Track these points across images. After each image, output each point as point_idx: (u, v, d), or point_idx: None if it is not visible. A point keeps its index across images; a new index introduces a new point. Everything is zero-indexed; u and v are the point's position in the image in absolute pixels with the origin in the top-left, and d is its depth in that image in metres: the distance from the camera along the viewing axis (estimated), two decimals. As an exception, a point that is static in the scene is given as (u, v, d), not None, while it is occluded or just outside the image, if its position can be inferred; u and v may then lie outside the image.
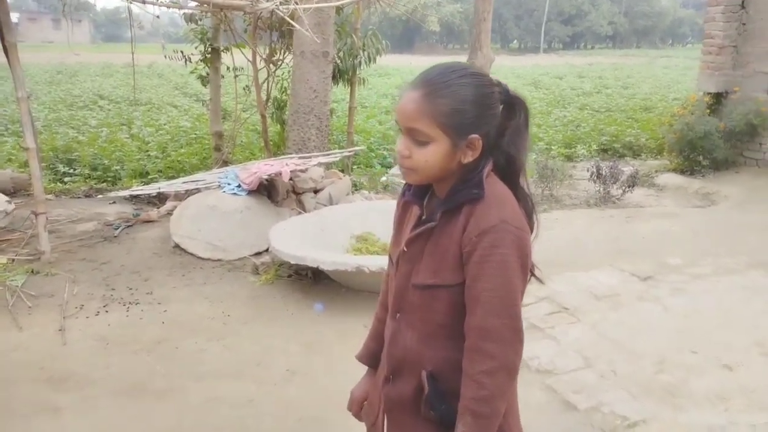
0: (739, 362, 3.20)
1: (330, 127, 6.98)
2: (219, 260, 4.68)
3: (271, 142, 7.86)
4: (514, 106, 1.34)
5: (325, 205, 5.38)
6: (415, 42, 58.94)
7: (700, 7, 76.26)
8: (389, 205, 5.24)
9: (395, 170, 8.19)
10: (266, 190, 5.36)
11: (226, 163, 7.29)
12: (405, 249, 1.38)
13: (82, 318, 3.74)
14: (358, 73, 7.70)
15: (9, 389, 2.98)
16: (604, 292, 4.10)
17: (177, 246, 4.83)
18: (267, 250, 4.73)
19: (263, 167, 5.26)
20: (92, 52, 33.18)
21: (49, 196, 6.44)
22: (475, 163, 1.30)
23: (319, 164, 5.67)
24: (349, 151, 6.75)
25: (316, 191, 5.69)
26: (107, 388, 3.01)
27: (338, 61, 7.23)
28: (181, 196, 5.80)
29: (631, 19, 65.02)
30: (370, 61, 7.47)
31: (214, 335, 3.57)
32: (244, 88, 7.82)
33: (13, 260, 4.55)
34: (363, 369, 1.72)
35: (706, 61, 8.09)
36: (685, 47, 63.61)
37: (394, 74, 22.96)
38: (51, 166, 7.74)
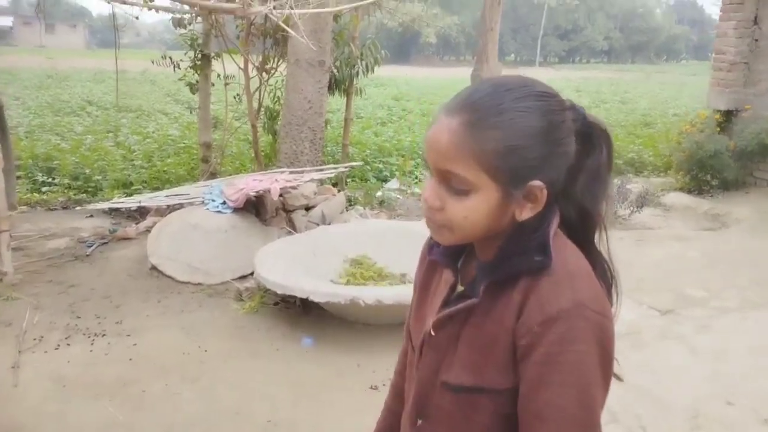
0: (783, 418, 2.83)
1: (324, 139, 6.61)
2: (199, 284, 4.28)
3: (263, 154, 7.48)
4: (592, 138, 0.98)
5: (318, 224, 5.00)
6: (412, 53, 58.85)
7: (694, 24, 76.89)
8: (386, 227, 4.87)
9: (392, 184, 7.83)
10: (254, 207, 4.98)
11: (213, 175, 6.91)
12: (432, 333, 1.01)
13: (40, 352, 3.33)
14: (355, 83, 7.35)
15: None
16: (623, 329, 3.72)
17: (154, 268, 4.43)
18: (252, 274, 4.33)
19: (251, 183, 4.87)
20: (86, 58, 32.76)
21: (23, 208, 6.03)
22: (537, 217, 0.94)
23: (312, 180, 5.28)
24: (345, 167, 6.37)
25: (307, 209, 5.31)
26: (58, 443, 2.60)
27: (335, 71, 6.87)
28: (162, 211, 5.41)
29: (627, 34, 65.33)
30: (368, 71, 7.12)
31: (188, 375, 3.16)
32: (234, 97, 7.45)
33: (-28, 281, 4.13)
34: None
35: (716, 77, 7.78)
36: (680, 63, 63.88)
37: (390, 85, 22.68)
38: (29, 174, 7.32)
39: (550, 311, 0.86)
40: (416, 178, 8.25)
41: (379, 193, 7.19)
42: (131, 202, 5.77)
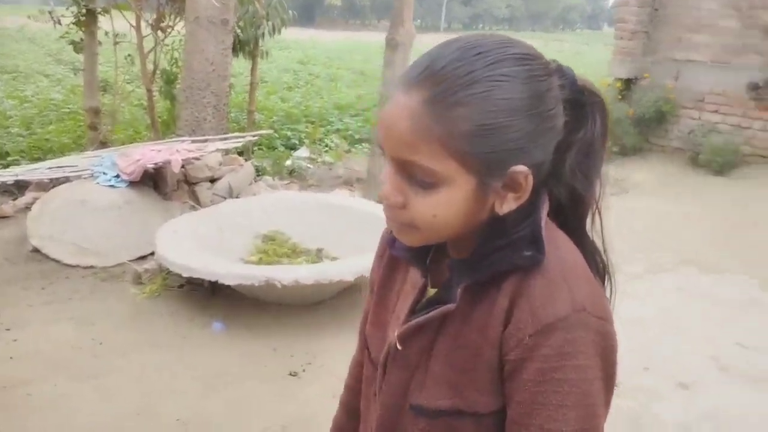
0: (695, 380, 2.91)
1: (229, 105, 6.19)
2: (91, 267, 3.85)
3: (160, 121, 6.93)
4: (584, 106, 0.80)
5: (224, 198, 4.65)
6: (316, 16, 57.45)
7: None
8: (299, 199, 4.61)
9: (301, 152, 7.52)
10: (152, 180, 4.55)
11: (104, 144, 6.31)
12: (399, 346, 0.84)
13: None
14: (260, 44, 6.92)
15: None
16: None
17: (36, 250, 3.93)
18: (152, 254, 3.96)
19: (148, 153, 4.44)
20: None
21: None
22: (523, 206, 0.77)
23: (218, 150, 4.90)
24: (254, 135, 6.00)
25: (212, 180, 4.93)
26: None
27: (239, 31, 6.41)
28: (44, 186, 4.83)
29: (527, 3, 67.10)
30: (274, 32, 6.72)
31: (81, 373, 2.81)
32: (126, 58, 6.81)
33: None
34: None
35: (618, 46, 8.00)
36: (575, 32, 66.56)
37: (295, 48, 21.92)
38: None
39: (545, 319, 0.71)
40: (326, 146, 7.99)
41: (288, 163, 6.87)
42: (7, 175, 5.11)
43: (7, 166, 5.99)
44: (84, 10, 6.29)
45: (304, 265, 3.54)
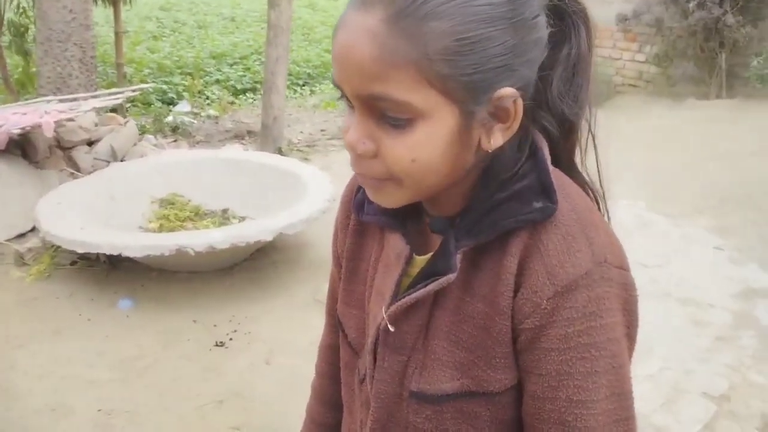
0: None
1: (96, 58, 5.57)
2: (-40, 252, 3.36)
3: (13, 79, 6.13)
4: (565, 17, 0.68)
5: (108, 162, 4.21)
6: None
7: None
8: (192, 157, 4.30)
9: (182, 107, 7.01)
10: (18, 147, 4.00)
11: (-52, 110, 5.49)
12: (391, 328, 0.71)
13: None
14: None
15: None
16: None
17: None
18: (33, 230, 3.53)
19: (11, 117, 3.88)
20: None
21: None
22: (511, 144, 0.66)
23: (94, 109, 4.40)
24: (134, 90, 5.45)
25: (90, 144, 4.44)
26: None
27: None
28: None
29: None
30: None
31: (-29, 374, 2.46)
32: (-39, 8, 5.90)
33: None
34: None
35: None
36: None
37: (154, -7, 20.25)
38: None
39: (565, 278, 0.61)
40: (208, 98, 7.51)
41: (169, 118, 6.38)
42: None
43: None
44: None
45: (216, 229, 3.31)
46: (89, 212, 3.33)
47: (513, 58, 0.60)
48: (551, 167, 0.68)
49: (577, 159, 0.75)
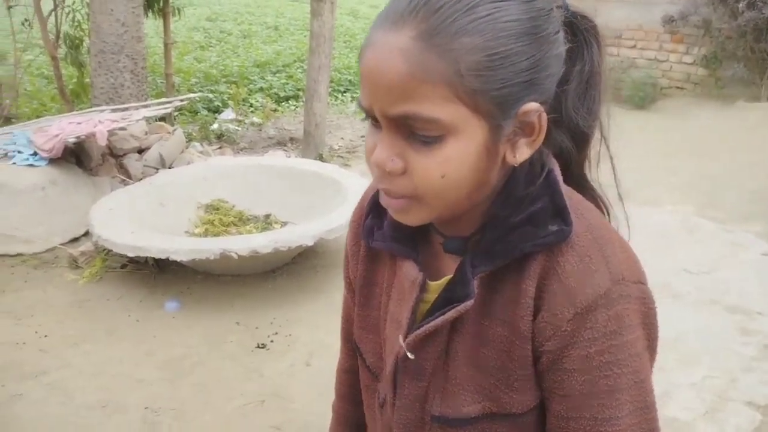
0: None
1: (147, 69, 5.77)
2: (19, 255, 3.54)
3: (68, 90, 6.39)
4: (578, 33, 0.70)
5: (157, 169, 4.36)
6: (217, -31, 54.62)
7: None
8: (236, 164, 4.42)
9: (227, 114, 7.19)
10: (73, 155, 4.19)
11: (9, 120, 5.77)
12: (410, 355, 0.72)
13: None
14: (170, 1, 6.47)
15: None
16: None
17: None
18: (86, 234, 3.68)
19: (67, 127, 4.06)
20: None
21: None
22: (528, 163, 0.67)
23: (145, 118, 4.57)
24: (182, 100, 5.63)
25: (140, 151, 4.61)
26: None
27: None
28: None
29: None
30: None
31: (29, 371, 2.59)
32: (22, 23, 6.19)
33: None
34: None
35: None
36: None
37: (200, 4, 20.80)
38: None
39: (584, 299, 0.62)
40: (251, 106, 7.68)
41: (214, 126, 6.56)
42: None
43: None
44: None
45: (258, 234, 3.39)
46: (139, 217, 3.46)
47: (537, 72, 0.62)
48: (563, 186, 0.68)
49: (588, 170, 0.77)
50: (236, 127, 6.65)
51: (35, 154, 3.96)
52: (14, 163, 3.89)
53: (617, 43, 7.60)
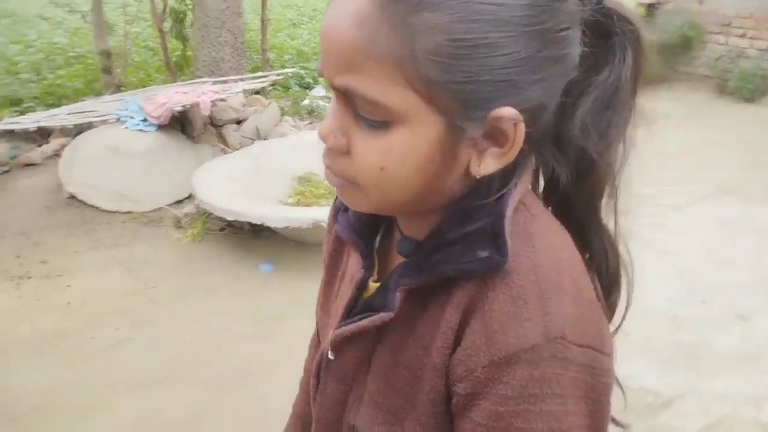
0: (752, 312, 2.92)
1: (245, 43, 6.01)
2: (129, 213, 3.82)
3: (172, 63, 6.74)
4: (611, 36, 0.57)
5: (253, 140, 4.57)
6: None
7: None
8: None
9: (317, 91, 7.36)
10: (178, 123, 4.45)
11: (119, 88, 6.17)
12: (331, 356, 0.66)
13: (-45, 305, 2.86)
14: (270, -22, 6.67)
15: None
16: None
17: (73, 197, 3.89)
18: (189, 197, 3.92)
19: (174, 96, 4.32)
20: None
21: None
22: (499, 175, 0.56)
23: (244, 92, 4.78)
24: (278, 74, 5.84)
25: (238, 122, 4.84)
26: (3, 411, 2.24)
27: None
28: (68, 132, 4.74)
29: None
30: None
31: (139, 318, 2.83)
32: (133, -4, 6.57)
33: None
34: None
35: (641, -31, 7.69)
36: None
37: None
38: None
39: (504, 348, 0.51)
40: (341, 83, 7.82)
41: (305, 102, 6.74)
42: (28, 122, 5.03)
43: (22, 112, 5.88)
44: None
45: None
46: (237, 184, 3.65)
47: (520, 73, 0.51)
48: (539, 211, 0.58)
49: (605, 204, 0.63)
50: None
51: (145, 120, 4.24)
52: (126, 128, 4.18)
53: (726, 32, 7.20)
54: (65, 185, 3.93)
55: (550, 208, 0.63)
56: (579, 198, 0.61)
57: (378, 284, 0.64)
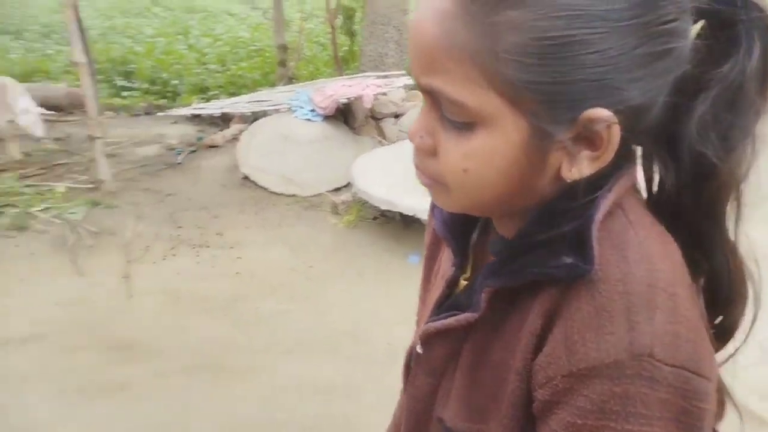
0: None
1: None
2: (294, 196, 4.15)
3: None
4: (735, 24, 0.51)
5: (410, 134, 4.72)
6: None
7: None
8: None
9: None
10: (342, 114, 4.73)
11: (291, 80, 6.65)
12: (420, 351, 0.67)
13: (148, 263, 3.31)
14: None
15: (67, 357, 2.58)
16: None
17: (246, 178, 4.31)
18: (347, 186, 4.17)
19: (340, 89, 4.60)
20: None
21: (109, 113, 5.98)
22: (596, 178, 0.52)
23: (405, 87, 4.96)
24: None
25: (396, 116, 5.03)
26: (179, 361, 2.57)
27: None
28: (246, 118, 5.24)
29: None
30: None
31: (297, 293, 3.08)
32: (309, -6, 7.03)
33: (71, 189, 4.13)
34: None
35: None
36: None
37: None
38: (108, 79, 7.25)
39: (584, 361, 0.49)
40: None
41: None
42: (213, 108, 5.63)
43: (208, 99, 6.57)
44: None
45: None
46: (392, 176, 3.80)
47: (614, 72, 0.47)
48: (640, 219, 0.54)
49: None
50: None
51: (313, 110, 4.56)
52: (296, 117, 4.53)
53: None
54: (241, 167, 4.36)
55: (658, 216, 0.57)
56: (697, 206, 0.55)
57: (461, 287, 0.65)
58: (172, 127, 5.55)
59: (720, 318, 0.59)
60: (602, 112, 0.48)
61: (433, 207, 0.71)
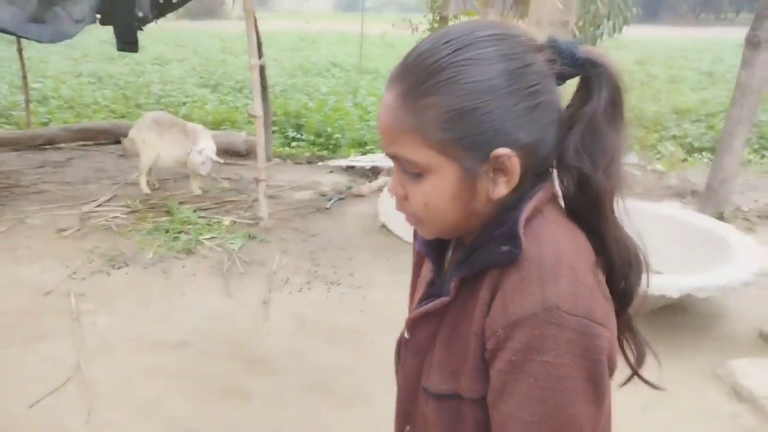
0: None
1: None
2: (425, 246, 4.37)
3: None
4: (589, 78, 0.76)
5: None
6: (659, 11, 53.12)
7: None
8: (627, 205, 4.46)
9: (629, 158, 7.18)
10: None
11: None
12: (407, 335, 0.90)
13: (286, 293, 3.70)
14: (597, 44, 6.83)
15: (207, 363, 2.98)
16: None
17: (383, 226, 4.63)
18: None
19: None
20: (333, 21, 35.33)
21: (277, 160, 6.73)
22: (517, 194, 0.76)
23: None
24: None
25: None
26: (297, 380, 2.86)
27: (576, 31, 6.43)
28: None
29: None
30: (614, 32, 6.56)
31: (411, 335, 3.26)
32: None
33: (235, 223, 4.73)
34: None
35: None
36: None
37: (632, 47, 20.72)
38: (282, 130, 8.15)
39: (513, 314, 0.71)
40: (658, 152, 7.49)
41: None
42: (365, 162, 6.12)
43: (365, 153, 7.12)
44: (438, 17, 7.05)
45: (666, 276, 3.41)
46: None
47: (504, 122, 0.72)
48: (553, 218, 0.77)
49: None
50: (636, 172, 6.62)
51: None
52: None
53: None
54: (379, 215, 4.70)
55: (570, 215, 0.80)
56: (586, 205, 0.77)
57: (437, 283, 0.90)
58: (328, 176, 6.11)
59: (622, 284, 0.80)
60: (503, 150, 0.73)
61: (415, 233, 0.96)
